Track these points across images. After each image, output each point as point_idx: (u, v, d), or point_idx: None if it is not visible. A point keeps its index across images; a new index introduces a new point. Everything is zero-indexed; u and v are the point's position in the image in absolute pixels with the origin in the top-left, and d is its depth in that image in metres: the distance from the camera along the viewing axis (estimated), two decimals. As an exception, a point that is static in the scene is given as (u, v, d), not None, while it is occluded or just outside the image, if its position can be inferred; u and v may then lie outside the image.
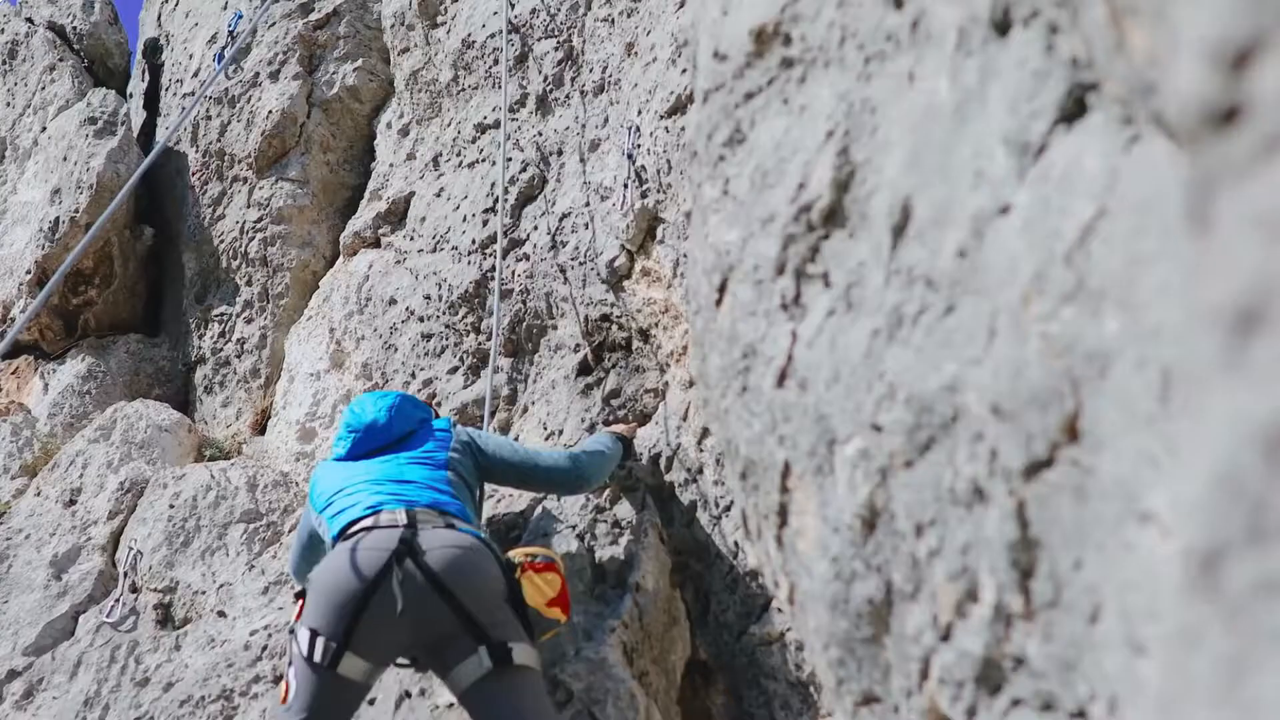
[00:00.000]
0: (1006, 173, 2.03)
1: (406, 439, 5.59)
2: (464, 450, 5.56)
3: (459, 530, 4.95)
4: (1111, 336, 1.71)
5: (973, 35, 2.21)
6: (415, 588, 4.71)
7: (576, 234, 7.00)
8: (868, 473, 2.38)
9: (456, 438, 5.60)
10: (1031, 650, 1.96)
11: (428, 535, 4.85)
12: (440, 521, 4.96)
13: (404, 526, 4.89)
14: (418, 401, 5.96)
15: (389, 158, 9.78)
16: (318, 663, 4.71)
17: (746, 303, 2.94)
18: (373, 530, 4.92)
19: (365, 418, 5.63)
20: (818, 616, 2.69)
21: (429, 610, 4.71)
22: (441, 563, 4.74)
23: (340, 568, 4.84)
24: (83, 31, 12.58)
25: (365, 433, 5.59)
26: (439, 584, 4.71)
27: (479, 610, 4.72)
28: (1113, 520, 1.70)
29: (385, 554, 4.77)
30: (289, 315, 9.77)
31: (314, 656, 4.72)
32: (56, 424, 9.94)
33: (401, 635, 4.79)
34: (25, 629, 7.27)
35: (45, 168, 11.19)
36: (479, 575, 4.79)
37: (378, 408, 5.67)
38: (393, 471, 5.35)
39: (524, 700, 4.70)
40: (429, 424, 5.72)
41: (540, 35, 8.06)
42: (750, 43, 3.11)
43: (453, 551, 4.79)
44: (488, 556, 4.89)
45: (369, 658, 4.78)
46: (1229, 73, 1.22)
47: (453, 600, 4.70)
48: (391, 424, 5.60)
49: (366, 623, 4.72)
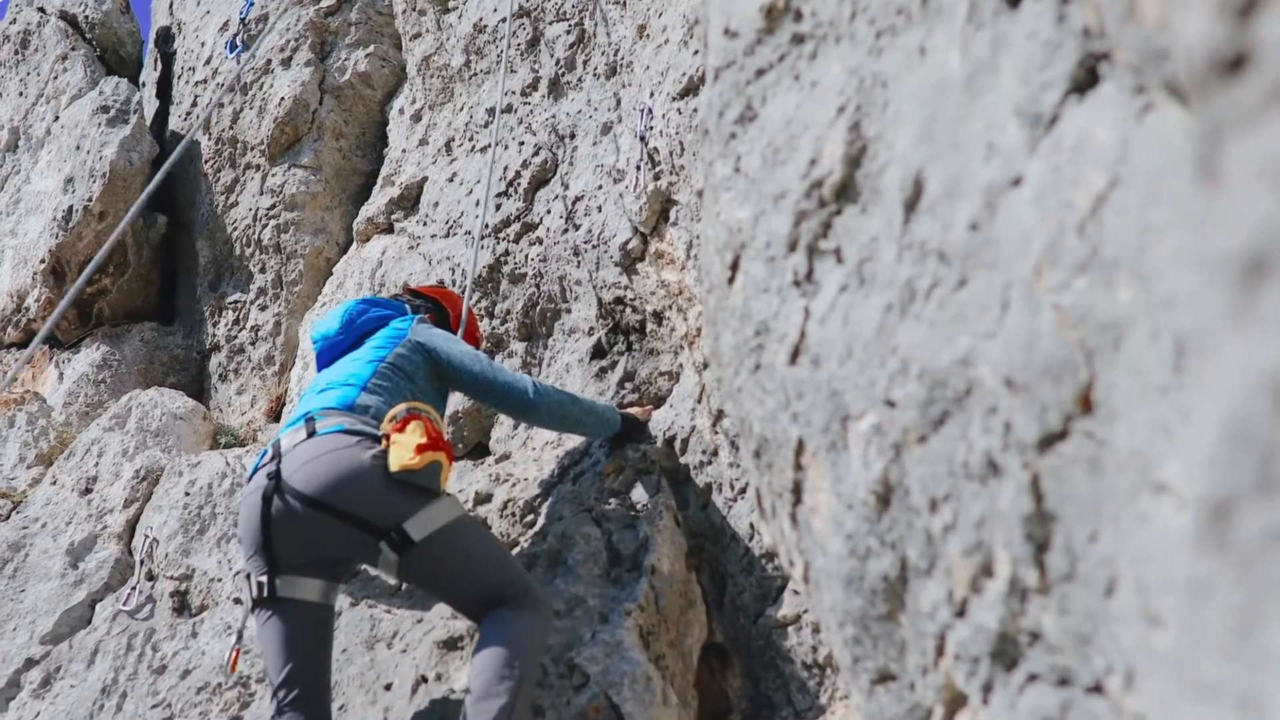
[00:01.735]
0: (1018, 144, 2.02)
1: (365, 338, 5.67)
2: (416, 348, 5.55)
3: (320, 434, 4.93)
4: (1124, 307, 1.70)
5: (983, 7, 2.19)
6: (292, 513, 4.78)
7: (589, 217, 6.99)
8: (881, 448, 2.38)
9: (412, 336, 5.59)
10: (1047, 624, 1.95)
11: (290, 458, 4.88)
12: (304, 433, 4.98)
13: (270, 460, 4.95)
14: (384, 301, 6.03)
15: (401, 143, 9.78)
16: (258, 598, 4.82)
17: (759, 280, 2.93)
18: (255, 475, 5.01)
19: (321, 329, 5.80)
20: (833, 594, 2.68)
21: (315, 526, 4.78)
22: (305, 481, 4.78)
23: (239, 520, 5.01)
24: (94, 20, 12.58)
25: (324, 343, 5.76)
26: (309, 500, 4.76)
27: (358, 507, 4.75)
28: (1127, 492, 1.69)
29: (258, 493, 4.85)
30: (303, 302, 9.79)
31: (253, 592, 4.83)
32: (72, 413, 9.97)
33: (315, 551, 4.87)
34: (42, 618, 7.28)
35: (58, 157, 11.21)
36: (341, 474, 4.78)
37: (334, 316, 5.80)
38: (325, 378, 5.46)
39: (446, 567, 4.82)
40: (390, 322, 5.77)
41: (552, 19, 8.04)
42: (761, 19, 3.10)
43: (312, 464, 4.81)
44: (352, 446, 4.87)
45: (309, 573, 4.86)
46: (1235, 20, 1.21)
47: (329, 508, 4.75)
48: (346, 331, 5.71)
49: (280, 547, 4.81)
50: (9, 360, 10.86)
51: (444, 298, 6.48)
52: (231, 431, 9.18)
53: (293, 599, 4.81)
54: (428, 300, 6.37)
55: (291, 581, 4.81)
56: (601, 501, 5.71)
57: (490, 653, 4.53)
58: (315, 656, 4.85)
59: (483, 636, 4.64)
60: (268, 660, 4.83)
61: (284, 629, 4.78)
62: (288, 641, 4.77)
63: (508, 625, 4.61)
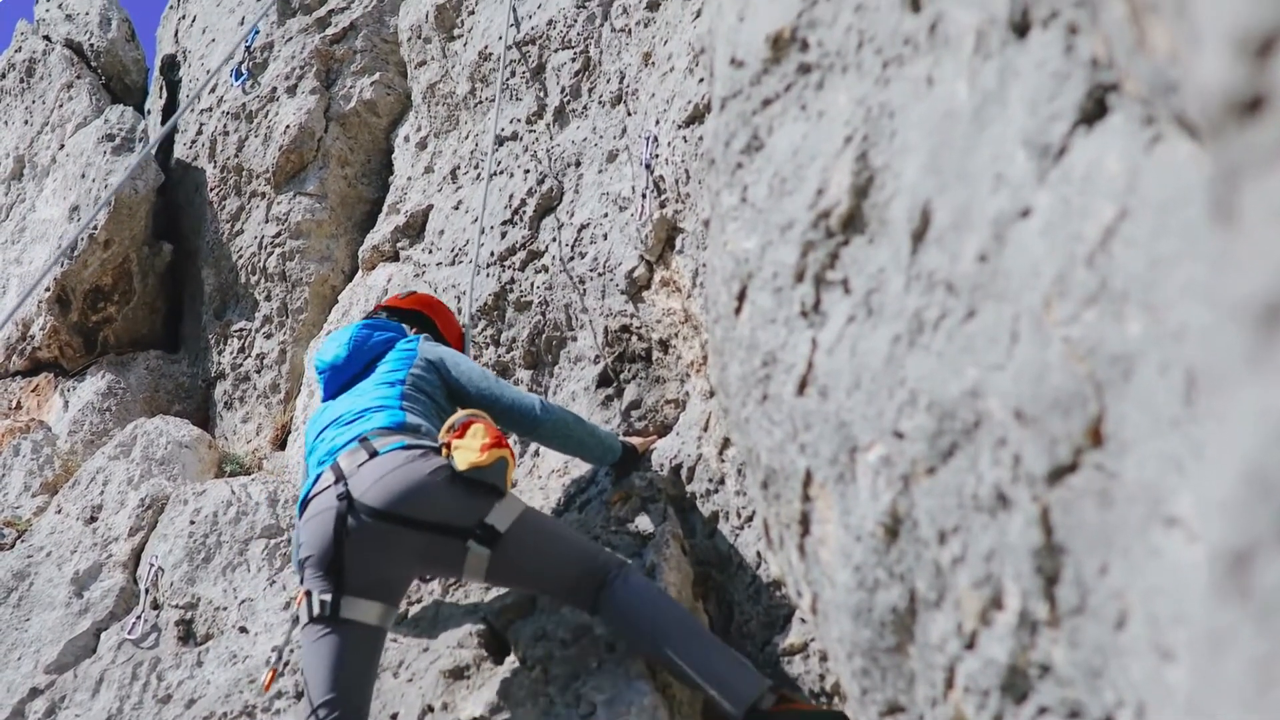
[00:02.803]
0: (1027, 175, 2.01)
1: (373, 364, 5.75)
2: (428, 367, 5.69)
3: (382, 453, 5.04)
4: (1134, 339, 1.69)
5: (991, 37, 2.19)
6: (370, 531, 4.86)
7: (595, 245, 6.99)
8: (890, 480, 2.37)
9: (422, 355, 5.73)
10: (1058, 657, 1.94)
11: (357, 478, 4.97)
12: (365, 454, 5.08)
13: (335, 483, 5.01)
14: (384, 323, 6.06)
15: (407, 171, 9.80)
16: (318, 615, 4.86)
17: (766, 310, 2.92)
18: (314, 498, 5.08)
19: (327, 359, 5.84)
20: (841, 626, 2.67)
21: (395, 541, 4.88)
22: (378, 497, 4.87)
23: (306, 540, 5.00)
24: (100, 49, 12.63)
25: (331, 372, 5.81)
26: (388, 515, 4.85)
27: (438, 513, 4.88)
28: (1138, 525, 1.68)
29: (331, 513, 4.90)
30: (308, 330, 9.79)
31: (313, 611, 4.87)
32: (77, 441, 9.97)
33: (390, 569, 4.94)
34: (47, 647, 7.27)
35: (64, 185, 11.24)
36: (415, 485, 4.90)
37: (338, 344, 5.85)
38: (352, 404, 5.51)
39: (536, 549, 4.99)
40: (395, 344, 5.85)
41: (557, 46, 8.06)
42: (767, 49, 3.10)
43: (382, 481, 4.91)
44: (417, 459, 5.00)
45: (371, 595, 4.90)
46: (1253, 62, 1.20)
47: (408, 521, 4.85)
48: (352, 358, 5.78)
49: (350, 567, 4.86)
50: (14, 388, 10.87)
51: (425, 306, 6.55)
52: (237, 459, 9.18)
53: (351, 620, 4.86)
54: (415, 316, 6.44)
55: (353, 603, 4.87)
56: (608, 529, 5.70)
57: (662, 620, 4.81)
58: (362, 679, 4.91)
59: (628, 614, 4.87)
60: (312, 678, 4.85)
61: (337, 649, 4.83)
62: (339, 661, 4.82)
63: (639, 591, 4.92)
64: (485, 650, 5.47)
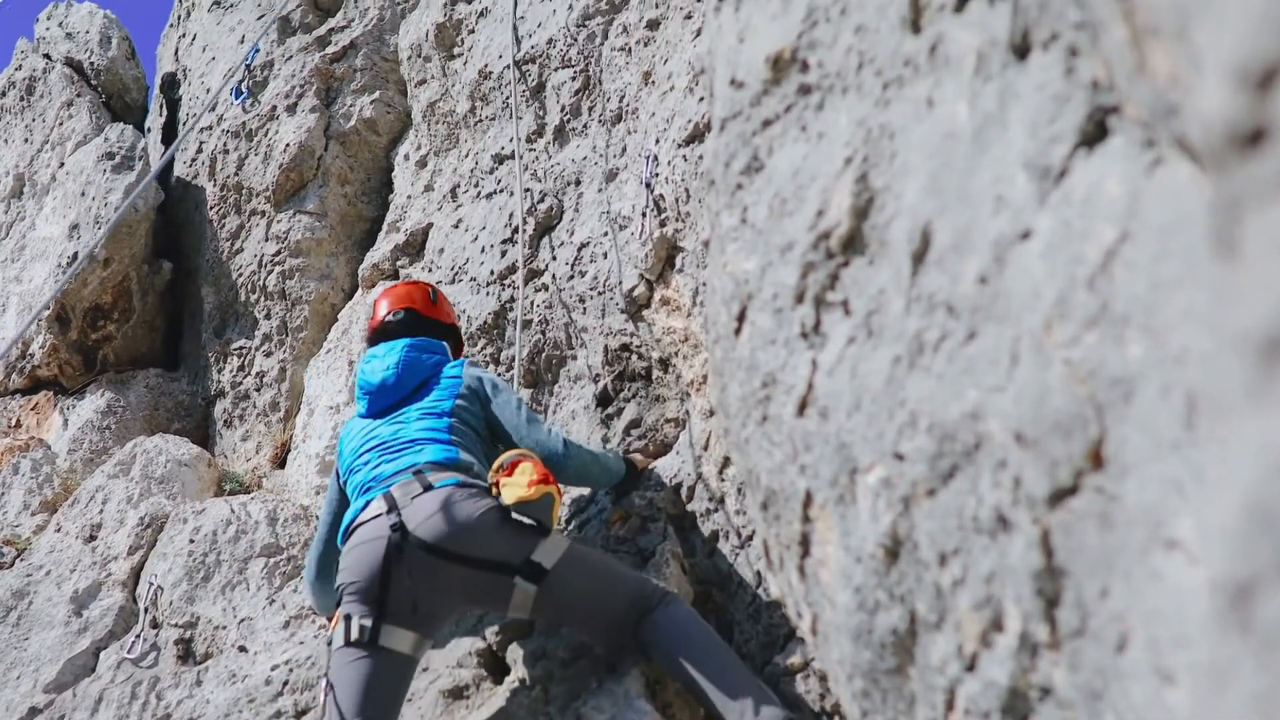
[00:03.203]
0: (1027, 197, 2.01)
1: (419, 389, 5.82)
2: (471, 397, 5.74)
3: (437, 487, 5.11)
4: (1135, 362, 1.69)
5: (992, 59, 2.19)
6: (421, 564, 4.91)
7: (595, 263, 7.00)
8: (890, 501, 2.37)
9: (466, 384, 5.79)
10: (1058, 680, 1.93)
11: (410, 510, 5.04)
12: (419, 486, 5.14)
13: (387, 512, 5.07)
14: (429, 344, 6.12)
15: (407, 189, 9.81)
16: (356, 640, 4.90)
17: (766, 331, 2.92)
18: (362, 525, 5.14)
19: (375, 378, 5.88)
20: (841, 647, 2.67)
21: (444, 576, 4.93)
22: (431, 532, 4.93)
23: (351, 565, 5.04)
24: (100, 67, 12.65)
25: (378, 392, 5.85)
26: (438, 551, 4.90)
27: (487, 550, 4.93)
28: (1139, 548, 1.68)
29: (381, 542, 4.96)
30: (308, 348, 9.79)
31: (351, 635, 4.91)
32: (76, 459, 9.95)
33: (435, 602, 4.99)
34: (46, 666, 7.26)
35: (63, 203, 11.24)
36: (467, 522, 4.96)
37: (386, 366, 5.89)
38: (399, 431, 5.58)
39: (583, 586, 5.02)
40: (441, 370, 5.92)
41: (557, 65, 8.07)
42: (767, 70, 3.10)
43: (436, 517, 4.96)
44: (469, 498, 5.06)
45: (410, 626, 4.95)
46: (1254, 93, 1.20)
47: (459, 557, 4.91)
48: (400, 381, 5.84)
49: (395, 595, 4.91)
50: (13, 406, 10.86)
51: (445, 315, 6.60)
52: (236, 478, 9.16)
53: (387, 648, 4.91)
54: (444, 328, 6.50)
55: (392, 631, 4.92)
56: (608, 549, 5.70)
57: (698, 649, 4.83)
58: (391, 706, 4.93)
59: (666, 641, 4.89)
60: (344, 699, 4.88)
61: (371, 674, 4.87)
62: (371, 686, 4.86)
63: (681, 620, 4.95)
64: (485, 670, 5.47)
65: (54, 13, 13.64)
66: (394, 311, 6.38)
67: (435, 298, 6.54)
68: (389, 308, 6.44)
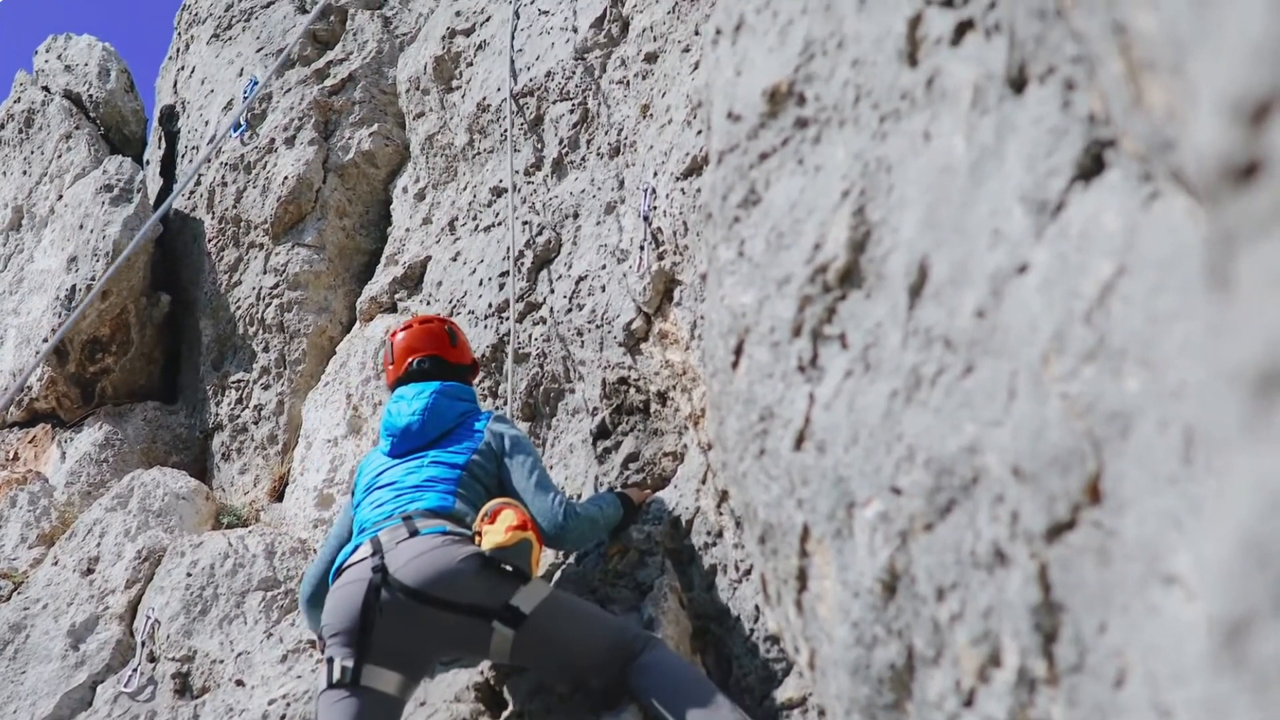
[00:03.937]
0: (1024, 231, 2.01)
1: (443, 437, 5.87)
2: (488, 453, 5.76)
3: (423, 534, 5.18)
4: (1133, 396, 1.69)
5: (988, 93, 2.19)
6: (399, 606, 4.97)
7: (593, 297, 6.99)
8: (888, 536, 2.36)
9: (486, 440, 5.81)
10: (1056, 715, 1.92)
11: (394, 554, 5.10)
12: (406, 531, 5.21)
13: (371, 555, 5.14)
14: (459, 390, 6.15)
15: (405, 222, 9.81)
16: (338, 681, 4.93)
17: (763, 365, 2.92)
18: (350, 567, 5.21)
19: (401, 421, 5.93)
20: (839, 682, 2.66)
21: (423, 619, 4.97)
22: (412, 576, 4.99)
23: (334, 607, 5.10)
24: (99, 99, 12.66)
25: (402, 436, 5.89)
26: (419, 595, 4.95)
27: (466, 594, 4.96)
28: (1136, 583, 1.67)
29: (363, 585, 5.02)
30: (306, 381, 9.79)
31: (334, 676, 4.95)
32: (74, 492, 9.94)
33: (416, 645, 5.04)
34: (43, 700, 7.24)
35: (62, 236, 11.24)
36: (447, 567, 5.01)
37: (412, 410, 5.94)
38: (409, 476, 5.66)
39: (561, 632, 5.03)
40: (468, 420, 5.97)
41: (555, 98, 8.08)
42: (764, 103, 3.11)
43: (417, 561, 5.03)
44: (452, 544, 5.12)
45: (393, 666, 4.99)
46: (1249, 127, 1.20)
47: (438, 601, 4.95)
48: (425, 428, 5.88)
49: (377, 637, 4.96)
50: (11, 439, 10.85)
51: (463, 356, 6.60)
52: (234, 511, 9.15)
53: (371, 688, 4.94)
54: (467, 368, 6.58)
55: (374, 671, 4.95)
56: (606, 583, 5.69)
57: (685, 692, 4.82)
58: None
59: (653, 687, 4.88)
60: None
61: (356, 715, 4.90)
62: None
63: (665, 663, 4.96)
64: (482, 705, 5.46)
65: (53, 45, 13.66)
66: (419, 359, 6.38)
67: (455, 338, 6.55)
68: (413, 354, 6.44)
